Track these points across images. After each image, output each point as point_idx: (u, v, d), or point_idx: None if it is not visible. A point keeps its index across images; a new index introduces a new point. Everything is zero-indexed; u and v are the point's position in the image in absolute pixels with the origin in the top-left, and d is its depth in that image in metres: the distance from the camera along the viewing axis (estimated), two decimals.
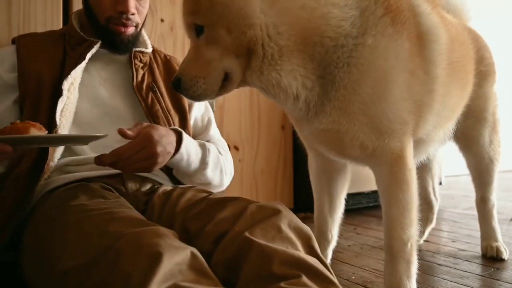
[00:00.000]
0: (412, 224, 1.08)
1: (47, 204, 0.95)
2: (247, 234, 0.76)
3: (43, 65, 1.13)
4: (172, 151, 1.04)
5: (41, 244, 0.84)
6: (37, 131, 0.87)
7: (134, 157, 0.95)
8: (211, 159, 1.18)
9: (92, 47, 1.17)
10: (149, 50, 1.28)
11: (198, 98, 0.98)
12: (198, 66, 0.96)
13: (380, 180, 1.11)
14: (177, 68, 1.30)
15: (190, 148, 1.11)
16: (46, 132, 0.91)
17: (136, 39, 1.22)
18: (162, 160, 1.01)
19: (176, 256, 0.68)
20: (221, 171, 1.23)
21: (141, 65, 1.25)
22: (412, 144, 1.12)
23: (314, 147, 1.22)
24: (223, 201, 0.91)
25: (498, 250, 1.53)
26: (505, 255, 1.51)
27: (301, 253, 0.72)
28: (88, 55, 1.15)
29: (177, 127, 1.12)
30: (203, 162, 1.16)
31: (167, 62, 1.33)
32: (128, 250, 0.69)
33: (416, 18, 1.08)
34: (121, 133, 0.93)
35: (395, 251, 1.07)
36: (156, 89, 1.23)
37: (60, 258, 0.77)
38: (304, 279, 0.67)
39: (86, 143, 1.04)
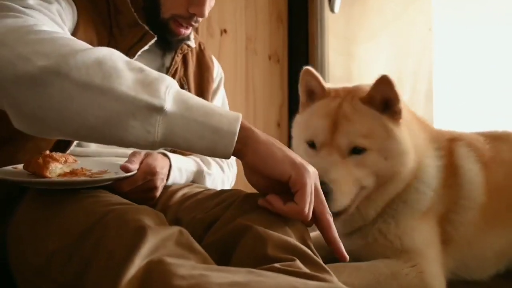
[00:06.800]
0: None
1: (32, 193, 0.91)
2: (241, 218, 0.74)
3: (92, 37, 0.97)
4: (166, 180, 1.01)
5: (25, 229, 0.81)
6: (60, 165, 0.82)
7: (135, 190, 0.92)
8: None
9: (146, 43, 1.01)
10: (193, 45, 1.17)
11: (338, 208, 1.03)
12: (349, 182, 1.04)
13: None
14: (209, 61, 1.23)
15: (178, 179, 1.06)
16: (76, 161, 0.86)
17: (188, 38, 1.12)
18: (159, 192, 0.99)
19: (162, 232, 0.65)
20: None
21: (181, 57, 1.14)
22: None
23: None
24: (219, 193, 0.89)
25: None
26: None
27: (296, 241, 0.71)
28: (139, 53, 1.00)
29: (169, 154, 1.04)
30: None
31: (200, 53, 1.21)
32: (112, 227, 0.67)
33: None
34: (124, 169, 0.88)
35: None
36: (186, 86, 1.15)
37: (44, 241, 0.74)
38: (298, 263, 0.65)
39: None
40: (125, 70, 0.69)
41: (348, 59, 2.32)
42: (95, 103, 0.66)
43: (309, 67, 1.19)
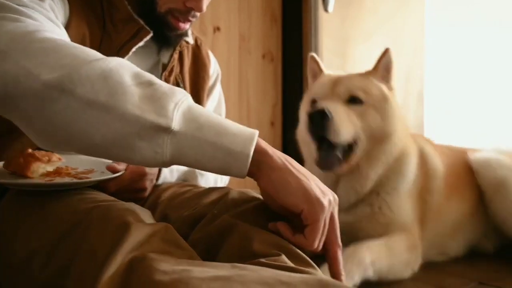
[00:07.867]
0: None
1: (14, 190, 0.87)
2: (227, 215, 0.74)
3: (85, 32, 0.94)
4: (155, 180, 1.00)
5: (7, 226, 0.78)
6: (43, 164, 0.79)
7: (122, 190, 0.91)
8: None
9: (141, 39, 0.97)
10: (191, 41, 1.13)
11: (339, 138, 1.24)
12: (347, 120, 1.25)
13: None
14: (206, 58, 1.19)
15: (168, 179, 1.05)
16: (60, 159, 0.83)
17: (186, 33, 1.08)
18: (148, 193, 0.98)
19: (147, 228, 0.64)
20: None
21: (178, 53, 1.11)
22: None
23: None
24: (208, 191, 0.89)
25: None
26: None
27: (281, 239, 0.70)
28: (133, 49, 0.97)
29: None
30: None
31: (196, 49, 1.17)
32: (96, 223, 0.66)
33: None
34: (111, 170, 0.86)
35: None
36: (182, 84, 1.11)
37: (26, 239, 0.72)
38: (284, 258, 0.65)
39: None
40: (132, 86, 0.65)
41: (342, 59, 2.32)
42: (100, 121, 0.63)
43: (314, 54, 1.49)
